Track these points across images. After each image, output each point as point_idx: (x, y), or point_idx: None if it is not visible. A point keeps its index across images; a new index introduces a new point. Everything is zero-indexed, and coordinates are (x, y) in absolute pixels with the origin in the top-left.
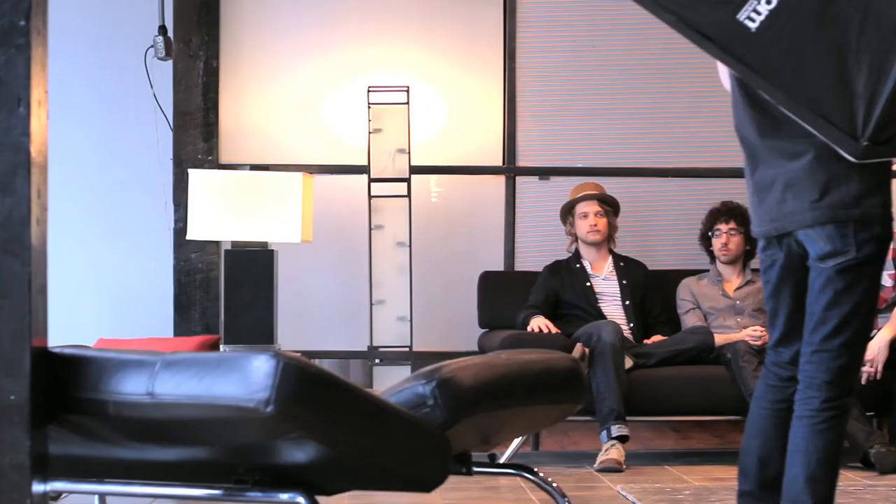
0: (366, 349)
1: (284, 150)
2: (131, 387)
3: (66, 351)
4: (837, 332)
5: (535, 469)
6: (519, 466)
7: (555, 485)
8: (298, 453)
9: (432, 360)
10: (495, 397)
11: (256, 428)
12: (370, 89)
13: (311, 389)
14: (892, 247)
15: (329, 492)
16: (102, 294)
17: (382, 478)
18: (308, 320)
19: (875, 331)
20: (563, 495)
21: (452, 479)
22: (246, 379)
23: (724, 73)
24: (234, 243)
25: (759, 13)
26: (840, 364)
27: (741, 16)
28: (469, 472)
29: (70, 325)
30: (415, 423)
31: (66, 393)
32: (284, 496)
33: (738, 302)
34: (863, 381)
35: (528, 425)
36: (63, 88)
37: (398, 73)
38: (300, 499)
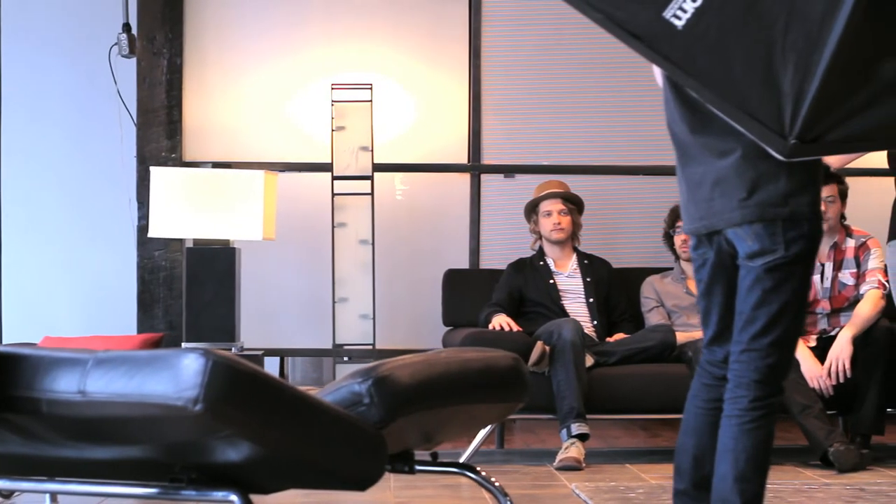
0: (330, 347)
1: (249, 148)
2: (63, 385)
3: (1, 349)
4: (766, 331)
5: (478, 468)
6: (461, 465)
7: (497, 484)
8: (232, 452)
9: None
10: (433, 396)
11: (187, 426)
12: (333, 87)
13: (241, 388)
14: (852, 246)
15: (267, 490)
16: (68, 291)
17: (318, 476)
18: (273, 318)
19: (837, 329)
20: (505, 494)
21: (408, 478)
22: (175, 377)
23: (657, 69)
24: (195, 241)
25: (684, 11)
26: (769, 363)
27: (667, 14)
28: (411, 471)
29: (36, 322)
30: (349, 422)
31: (2, 392)
32: (218, 494)
33: None
34: (832, 382)
35: (469, 424)
36: (29, 86)
37: (363, 71)
38: (233, 497)
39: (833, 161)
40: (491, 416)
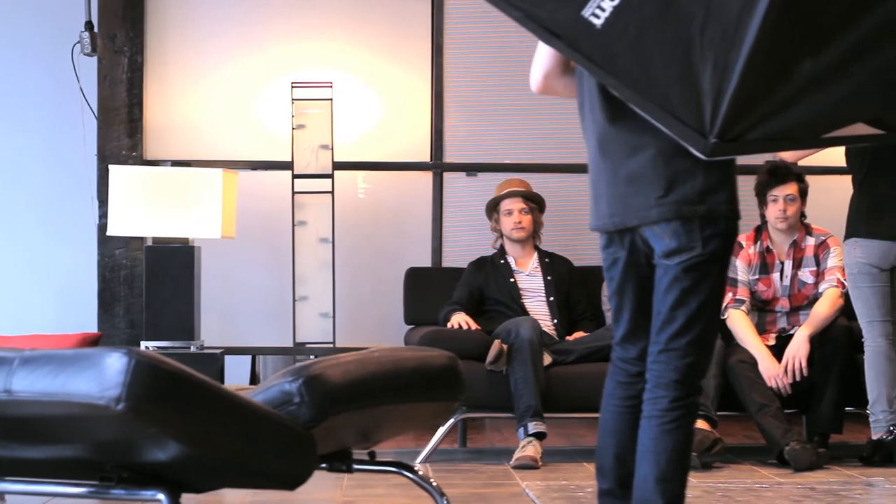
0: (291, 345)
1: (210, 146)
2: None
3: None
4: (685, 330)
5: (415, 467)
6: (398, 464)
7: (434, 483)
8: (160, 451)
9: None
10: (365, 395)
11: (112, 425)
12: (294, 85)
13: (163, 387)
14: (812, 244)
15: (199, 489)
16: (31, 289)
17: (246, 475)
18: (234, 316)
19: (796, 328)
20: (442, 494)
21: (361, 476)
22: (99, 376)
23: (540, 64)
24: (155, 239)
25: (603, 10)
26: (688, 363)
27: (586, 12)
28: (349, 470)
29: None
30: (277, 421)
31: None
32: (147, 493)
33: None
34: (789, 380)
35: (405, 423)
36: None
37: (325, 70)
38: (160, 496)
39: (788, 155)
40: (427, 415)
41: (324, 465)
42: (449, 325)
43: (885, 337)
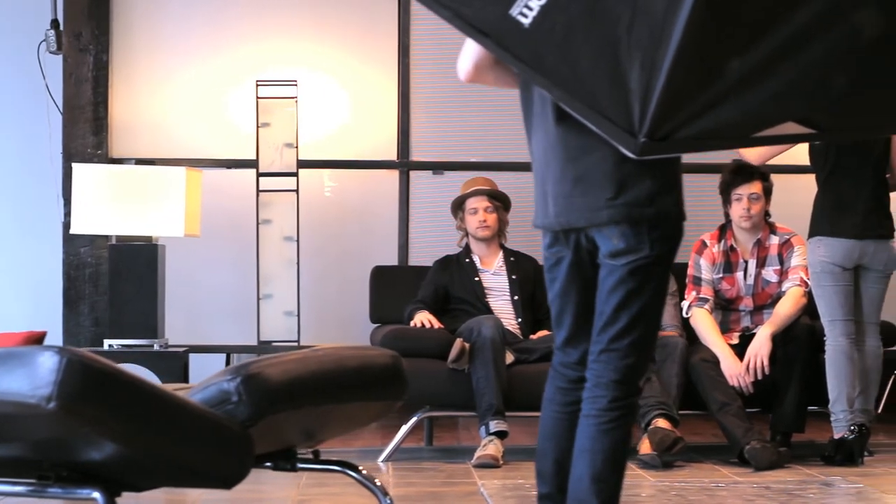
0: (255, 344)
1: (176, 145)
2: None
3: None
4: (627, 331)
5: (360, 467)
6: (342, 463)
7: (378, 483)
8: (95, 450)
9: None
10: (305, 394)
11: (45, 424)
12: (259, 83)
13: (95, 386)
14: (776, 243)
15: (139, 488)
16: None
17: (183, 474)
18: (199, 314)
19: (759, 327)
20: (385, 494)
21: (318, 475)
22: (31, 375)
23: (470, 55)
24: (118, 238)
25: (531, 9)
26: (628, 363)
27: (514, 11)
28: (293, 469)
29: None
30: (212, 420)
31: None
32: (83, 492)
33: None
34: (751, 378)
35: (349, 422)
36: None
37: (292, 69)
38: (96, 495)
39: (752, 157)
40: (369, 414)
41: (268, 464)
42: (412, 323)
43: (847, 336)
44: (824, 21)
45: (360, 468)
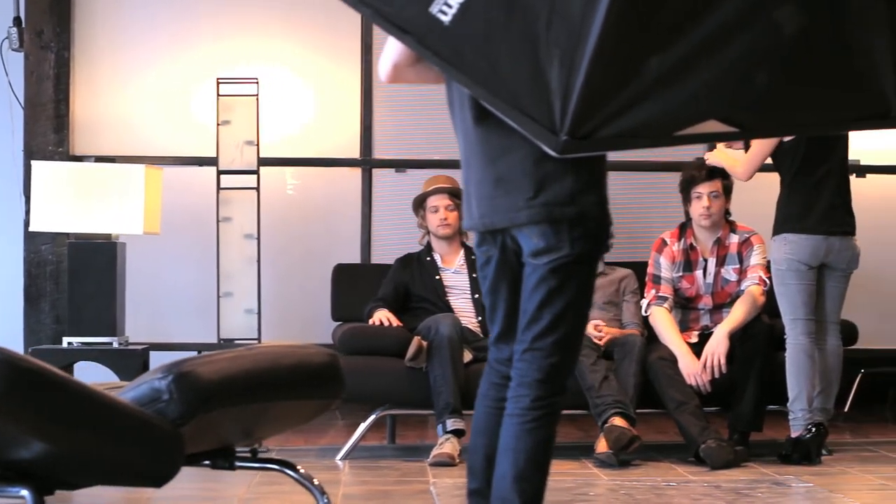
0: (215, 342)
1: (138, 142)
2: None
3: None
4: (550, 330)
5: (298, 465)
6: (280, 462)
7: (316, 482)
8: (24, 449)
9: None
10: (238, 392)
11: None
12: (219, 81)
13: (21, 385)
14: (736, 241)
15: (73, 486)
16: None
17: (112, 473)
18: (160, 312)
19: (717, 326)
20: (323, 493)
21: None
22: None
23: (390, 55)
24: (77, 235)
25: (450, 6)
26: (552, 362)
27: (433, 9)
28: (231, 467)
29: None
30: (142, 419)
31: None
32: (12, 490)
33: None
34: (708, 377)
35: (287, 420)
36: None
37: (255, 67)
38: (24, 493)
39: (740, 174)
40: (306, 412)
41: (207, 462)
42: (370, 321)
43: (808, 335)
44: (744, 19)
45: (299, 467)
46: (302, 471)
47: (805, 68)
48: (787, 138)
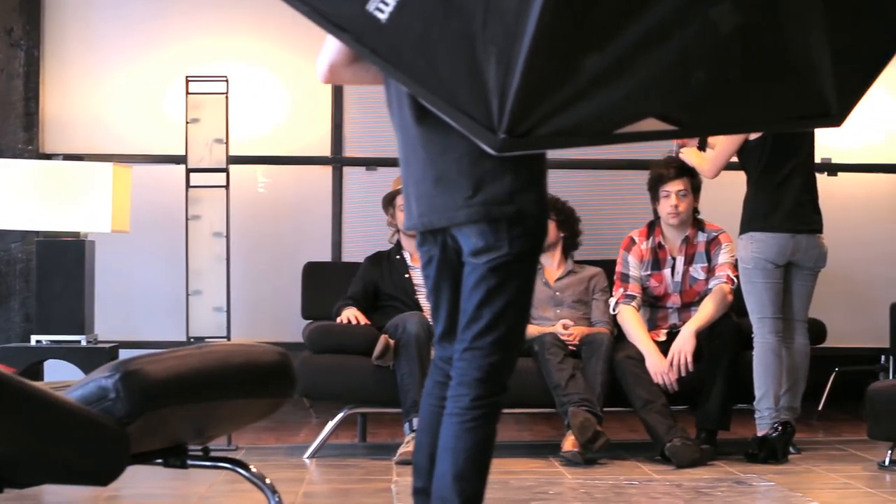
0: (185, 340)
1: (108, 140)
2: None
3: None
4: (490, 329)
5: (250, 465)
6: (232, 461)
7: (268, 481)
8: None
9: None
10: (186, 390)
11: None
12: (189, 79)
13: None
14: (704, 240)
15: (20, 485)
16: None
17: (59, 471)
18: (130, 310)
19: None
20: (275, 492)
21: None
22: None
23: (327, 56)
24: (45, 233)
25: (387, 4)
26: (491, 362)
27: (370, 7)
28: (183, 466)
29: None
30: (86, 418)
31: None
32: None
33: (557, 293)
34: (675, 375)
35: (239, 418)
36: None
37: (225, 65)
38: None
39: (707, 172)
40: (257, 410)
41: (159, 461)
42: (338, 319)
43: (775, 334)
44: (680, 17)
45: (251, 466)
46: (254, 470)
47: (742, 67)
48: (752, 136)
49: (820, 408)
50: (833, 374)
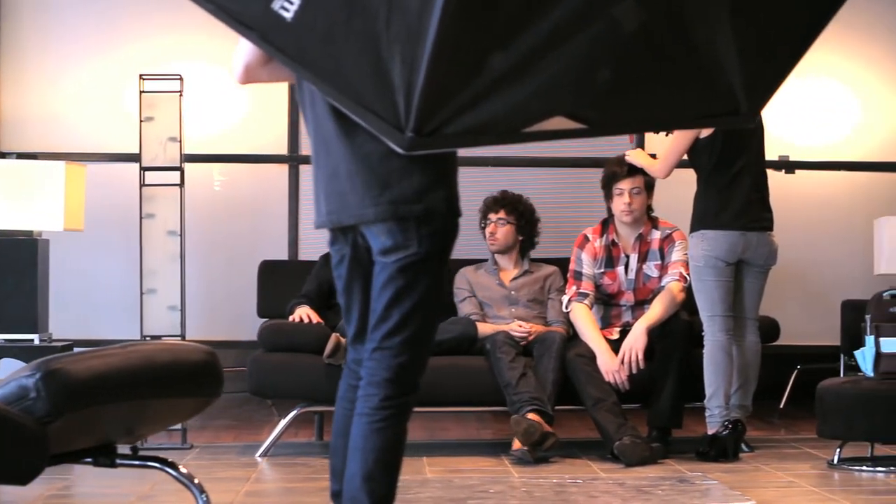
0: (139, 338)
1: (65, 139)
2: None
3: None
4: (399, 329)
5: (178, 464)
6: (160, 460)
7: (196, 481)
8: None
9: None
10: (112, 389)
11: None
12: (143, 77)
13: None
14: (658, 238)
15: None
16: None
17: None
18: (85, 308)
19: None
20: (202, 491)
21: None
22: None
23: (241, 56)
24: None
25: (291, 3)
26: (400, 362)
27: (275, 5)
28: (112, 465)
29: None
30: (4, 417)
31: None
32: None
33: (513, 292)
34: (626, 372)
35: (166, 417)
36: None
37: (182, 63)
38: None
39: (658, 172)
40: (184, 410)
41: (88, 460)
42: (291, 318)
43: (726, 332)
44: (585, 15)
45: (179, 466)
46: (183, 470)
47: (648, 65)
48: (703, 135)
49: (781, 406)
50: (795, 373)
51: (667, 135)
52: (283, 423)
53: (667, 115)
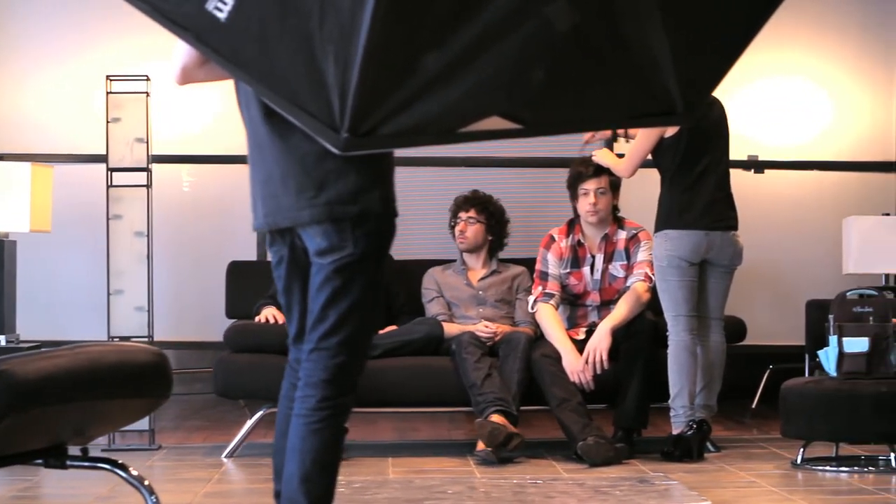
0: (106, 339)
1: (32, 140)
2: None
3: None
4: (336, 330)
5: (128, 466)
6: (111, 462)
7: (146, 483)
8: None
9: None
10: (59, 391)
11: None
12: (109, 78)
13: None
14: (624, 238)
15: None
16: None
17: None
18: (53, 309)
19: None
20: (152, 493)
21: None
22: None
23: (179, 57)
24: None
25: (225, 3)
26: (337, 363)
27: (209, 5)
28: (63, 466)
29: None
30: None
31: None
32: None
33: (480, 292)
34: (590, 372)
35: (116, 418)
36: None
37: (152, 63)
38: None
39: (622, 171)
40: (134, 411)
41: (39, 461)
42: (257, 318)
43: (690, 332)
44: (518, 14)
45: (130, 468)
46: (134, 472)
47: (582, 64)
48: (667, 134)
49: (753, 406)
50: (767, 372)
51: (627, 141)
52: (249, 423)
53: (602, 114)
